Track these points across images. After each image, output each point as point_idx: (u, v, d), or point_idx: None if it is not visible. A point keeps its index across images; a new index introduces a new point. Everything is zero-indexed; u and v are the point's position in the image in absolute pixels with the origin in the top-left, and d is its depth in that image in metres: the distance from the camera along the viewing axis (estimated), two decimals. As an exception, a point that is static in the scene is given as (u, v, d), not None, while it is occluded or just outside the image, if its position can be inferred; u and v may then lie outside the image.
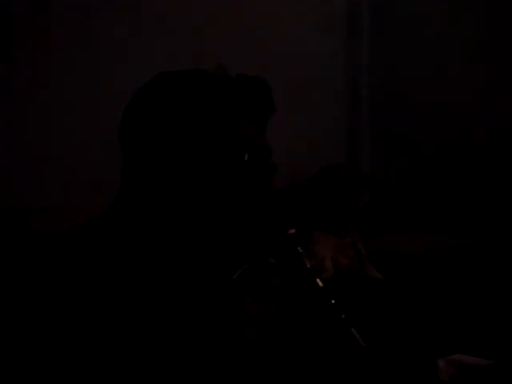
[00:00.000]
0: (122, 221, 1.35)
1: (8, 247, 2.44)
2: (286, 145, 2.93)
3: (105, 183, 1.54)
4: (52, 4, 2.77)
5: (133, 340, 1.24)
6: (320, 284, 1.33)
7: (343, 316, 1.31)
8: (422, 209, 3.15)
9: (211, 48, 2.81)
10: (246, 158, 1.35)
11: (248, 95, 1.38)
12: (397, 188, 3.12)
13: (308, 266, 1.36)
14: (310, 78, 3.16)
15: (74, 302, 1.24)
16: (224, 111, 1.36)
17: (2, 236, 2.51)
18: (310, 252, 1.52)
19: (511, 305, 2.85)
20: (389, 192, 2.98)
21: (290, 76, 3.07)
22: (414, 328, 1.71)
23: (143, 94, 1.39)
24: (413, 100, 3.21)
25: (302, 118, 3.13)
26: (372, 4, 3.31)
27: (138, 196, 1.36)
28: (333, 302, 1.30)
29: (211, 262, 1.36)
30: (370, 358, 1.37)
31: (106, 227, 1.34)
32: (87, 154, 2.77)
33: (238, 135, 1.36)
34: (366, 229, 1.85)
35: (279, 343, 1.44)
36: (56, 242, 1.33)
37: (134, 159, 1.37)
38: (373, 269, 1.83)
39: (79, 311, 1.23)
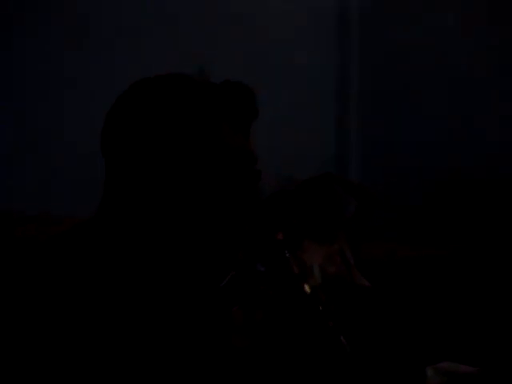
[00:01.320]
0: (104, 229, 1.34)
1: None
2: (273, 150, 2.94)
3: (89, 193, 1.54)
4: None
5: (116, 349, 1.23)
6: (307, 290, 1.32)
7: (331, 323, 1.30)
8: (412, 217, 3.15)
9: (200, 53, 2.81)
10: (233, 166, 1.34)
11: (233, 101, 1.37)
12: (385, 196, 3.12)
13: (295, 271, 1.36)
14: (298, 82, 3.16)
15: (55, 308, 1.23)
16: (210, 118, 1.35)
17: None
18: (297, 259, 1.52)
19: (499, 312, 2.86)
20: (377, 199, 2.98)
21: (277, 79, 3.07)
22: (402, 336, 1.70)
23: (125, 99, 1.37)
24: (403, 106, 3.22)
25: (291, 122, 3.13)
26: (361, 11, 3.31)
27: (120, 205, 1.35)
28: (320, 308, 1.30)
29: (198, 270, 1.36)
30: (358, 366, 1.36)
31: (89, 235, 1.33)
32: (73, 161, 2.77)
33: (224, 143, 1.35)
34: (354, 236, 1.85)
35: (268, 351, 1.44)
36: (38, 250, 1.32)
37: (116, 167, 1.35)
38: (361, 276, 1.83)
39: (60, 317, 1.22)
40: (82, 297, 1.24)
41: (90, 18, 2.82)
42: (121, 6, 2.88)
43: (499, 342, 2.78)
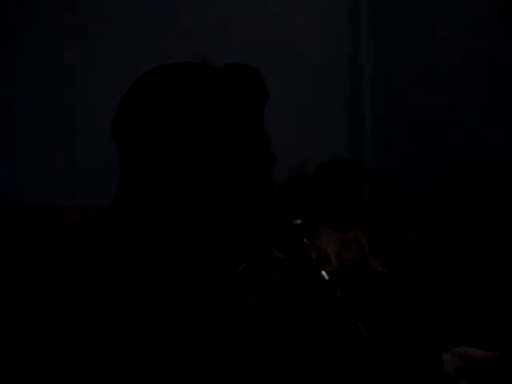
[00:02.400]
0: (122, 217, 1.34)
1: (8, 245, 2.44)
2: (288, 136, 2.94)
3: (106, 183, 1.54)
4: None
5: (133, 338, 1.23)
6: (326, 276, 1.32)
7: (349, 310, 1.30)
8: (422, 204, 3.15)
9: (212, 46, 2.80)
10: (246, 149, 1.34)
11: (240, 84, 1.37)
12: (398, 182, 3.12)
13: (314, 257, 1.35)
14: (311, 69, 3.16)
15: (71, 299, 1.23)
16: (221, 102, 1.35)
17: (3, 234, 2.50)
18: (314, 246, 1.52)
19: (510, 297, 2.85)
20: (389, 186, 2.98)
21: (290, 67, 3.07)
22: (418, 321, 1.71)
23: (138, 89, 1.37)
24: (414, 96, 3.22)
25: (304, 109, 3.13)
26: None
27: (137, 193, 1.35)
28: (338, 294, 1.30)
29: (214, 257, 1.36)
30: (375, 352, 1.36)
31: (107, 224, 1.33)
32: (88, 153, 2.77)
33: (237, 127, 1.35)
34: (369, 223, 1.85)
35: (285, 338, 1.43)
36: (55, 241, 1.32)
37: (131, 156, 1.35)
38: (376, 263, 1.84)
39: (76, 308, 1.23)
40: (97, 289, 1.24)
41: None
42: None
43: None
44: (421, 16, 3.20)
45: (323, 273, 1.31)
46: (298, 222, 1.38)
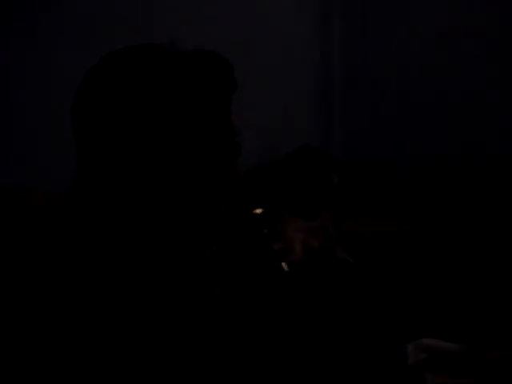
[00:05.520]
0: (82, 208, 1.31)
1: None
2: (257, 123, 2.92)
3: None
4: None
5: (92, 329, 1.21)
6: (285, 268, 1.30)
7: (307, 302, 1.29)
8: (391, 190, 3.15)
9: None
10: (211, 139, 1.31)
11: (208, 72, 1.34)
12: (368, 166, 3.12)
13: (275, 248, 1.34)
14: (283, 56, 3.15)
15: (27, 285, 1.21)
16: (185, 89, 1.32)
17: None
18: (278, 234, 1.50)
19: (479, 288, 2.86)
20: (357, 173, 2.98)
21: (262, 55, 3.06)
22: (383, 312, 1.70)
23: (97, 74, 1.33)
24: (387, 81, 3.21)
25: (275, 94, 3.12)
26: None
27: (96, 182, 1.32)
28: (298, 287, 1.29)
29: (178, 246, 1.34)
30: (336, 345, 1.35)
31: (66, 216, 1.30)
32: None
33: (201, 116, 1.32)
34: (336, 210, 1.84)
35: (246, 327, 1.42)
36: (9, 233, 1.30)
37: (90, 143, 1.32)
38: (343, 251, 1.82)
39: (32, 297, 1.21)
40: (52, 281, 1.22)
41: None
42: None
43: (480, 317, 2.78)
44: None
45: (283, 264, 1.30)
46: (258, 211, 1.36)
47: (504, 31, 3.10)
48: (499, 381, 1.73)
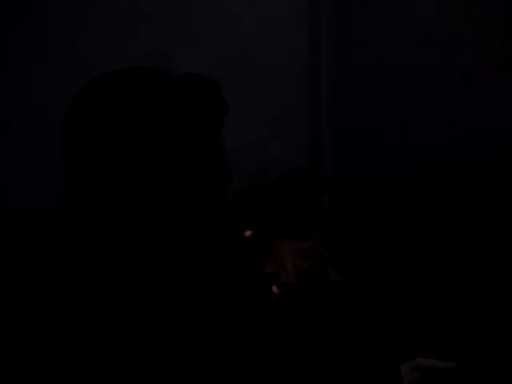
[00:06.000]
0: (71, 229, 1.31)
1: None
2: (245, 144, 2.93)
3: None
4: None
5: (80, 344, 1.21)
6: (276, 291, 1.30)
7: (298, 326, 1.28)
8: (383, 208, 3.15)
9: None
10: (201, 165, 1.31)
11: (199, 97, 1.33)
12: (360, 188, 3.12)
13: (266, 270, 1.33)
14: (271, 68, 3.16)
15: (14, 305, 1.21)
16: (176, 115, 1.32)
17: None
18: (270, 256, 1.50)
19: (474, 306, 2.86)
20: (349, 193, 2.97)
21: (249, 66, 3.07)
22: (376, 332, 1.69)
23: (87, 95, 1.33)
24: (377, 98, 3.22)
25: (264, 112, 3.13)
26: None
27: (84, 205, 1.31)
28: (288, 310, 1.28)
29: (167, 270, 1.33)
30: (328, 367, 1.34)
31: (51, 237, 1.30)
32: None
33: (191, 141, 1.32)
34: (327, 230, 1.83)
35: (238, 350, 1.42)
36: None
37: (77, 164, 1.32)
38: (335, 272, 1.81)
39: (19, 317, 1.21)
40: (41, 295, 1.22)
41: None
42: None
43: (474, 336, 2.78)
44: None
45: (273, 287, 1.29)
46: (248, 233, 1.35)
47: (501, 40, 3.09)
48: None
